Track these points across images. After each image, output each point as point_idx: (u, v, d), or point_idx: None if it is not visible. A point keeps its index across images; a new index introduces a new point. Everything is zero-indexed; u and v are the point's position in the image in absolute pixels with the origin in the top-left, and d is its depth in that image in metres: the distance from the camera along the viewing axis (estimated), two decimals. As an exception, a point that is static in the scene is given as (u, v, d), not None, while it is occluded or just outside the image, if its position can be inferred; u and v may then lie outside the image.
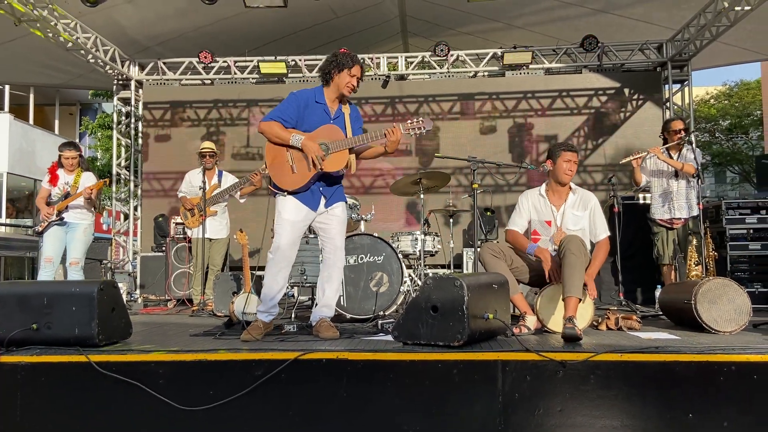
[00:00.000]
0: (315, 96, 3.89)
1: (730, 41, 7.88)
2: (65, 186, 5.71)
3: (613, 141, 8.70)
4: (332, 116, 3.89)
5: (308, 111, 3.84)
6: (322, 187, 3.89)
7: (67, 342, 3.28)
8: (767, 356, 2.95)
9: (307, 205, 3.85)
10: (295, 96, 3.90)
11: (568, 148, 4.22)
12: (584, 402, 2.95)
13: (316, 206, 3.88)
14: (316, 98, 3.88)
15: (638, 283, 6.60)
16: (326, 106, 3.88)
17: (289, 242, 3.83)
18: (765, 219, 6.22)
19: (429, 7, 7.93)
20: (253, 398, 3.02)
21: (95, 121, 17.10)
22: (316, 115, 3.84)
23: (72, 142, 6.00)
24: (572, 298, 3.72)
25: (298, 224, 3.86)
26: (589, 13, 8.07)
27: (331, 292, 3.97)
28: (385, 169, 8.93)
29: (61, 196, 5.65)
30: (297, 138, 3.76)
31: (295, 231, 3.85)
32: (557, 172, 4.20)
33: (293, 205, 3.84)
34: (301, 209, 3.85)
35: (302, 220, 3.87)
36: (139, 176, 9.41)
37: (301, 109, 3.84)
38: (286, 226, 3.82)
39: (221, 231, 6.49)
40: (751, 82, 23.43)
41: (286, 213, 3.83)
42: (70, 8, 7.35)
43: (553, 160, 4.22)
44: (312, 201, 3.86)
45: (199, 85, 9.38)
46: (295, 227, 3.85)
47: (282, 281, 3.90)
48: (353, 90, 3.86)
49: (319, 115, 3.85)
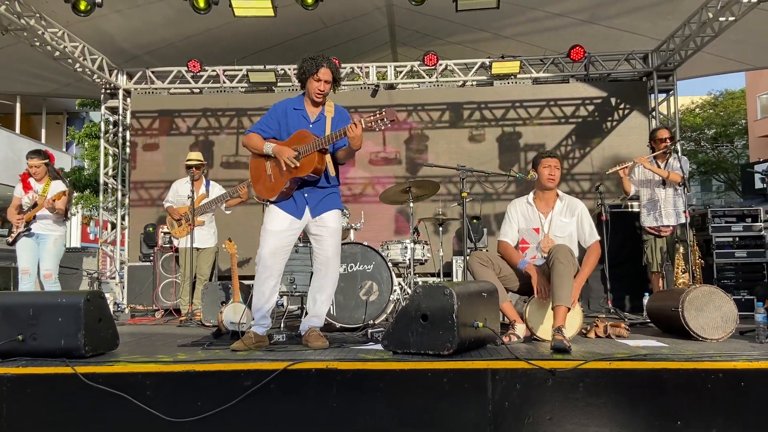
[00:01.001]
0: (294, 104, 3.91)
1: (714, 51, 7.99)
2: (34, 195, 5.60)
3: (600, 150, 8.77)
4: (312, 121, 3.86)
5: (288, 119, 3.85)
6: (306, 194, 3.85)
7: (53, 353, 3.25)
8: (754, 363, 2.98)
9: (291, 213, 3.83)
10: (275, 107, 3.94)
11: (547, 155, 4.33)
12: (574, 410, 2.96)
13: (301, 215, 3.84)
14: (295, 105, 3.89)
15: (626, 291, 6.65)
16: (305, 112, 3.87)
17: (271, 252, 3.79)
18: (750, 227, 6.29)
19: (417, 17, 7.97)
20: (242, 409, 3.00)
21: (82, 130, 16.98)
22: (296, 122, 3.83)
23: (38, 150, 5.87)
24: (561, 307, 3.75)
25: (281, 234, 3.82)
26: (575, 24, 8.15)
27: (322, 303, 3.95)
28: (375, 177, 8.94)
29: (30, 206, 5.56)
30: (269, 146, 3.77)
31: (278, 241, 3.81)
32: (540, 179, 4.30)
33: (276, 215, 3.83)
34: (284, 219, 3.82)
35: (287, 230, 3.83)
36: (126, 185, 9.35)
37: (281, 119, 3.86)
38: (267, 237, 3.81)
39: (208, 240, 6.46)
40: (735, 91, 23.76)
41: (269, 224, 3.83)
42: (58, 17, 7.32)
43: (535, 168, 4.33)
44: (295, 210, 3.84)
45: (187, 94, 9.35)
46: (279, 237, 3.81)
47: (267, 292, 3.84)
48: (322, 94, 3.80)
49: (298, 121, 3.84)
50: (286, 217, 3.83)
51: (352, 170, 8.98)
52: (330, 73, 3.80)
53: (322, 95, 3.81)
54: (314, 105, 3.89)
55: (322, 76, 3.77)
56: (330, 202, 3.93)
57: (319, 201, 3.88)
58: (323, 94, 3.81)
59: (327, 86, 3.80)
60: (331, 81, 3.83)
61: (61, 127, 21.97)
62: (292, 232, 3.87)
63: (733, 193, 23.33)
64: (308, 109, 3.89)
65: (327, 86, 3.80)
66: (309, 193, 3.86)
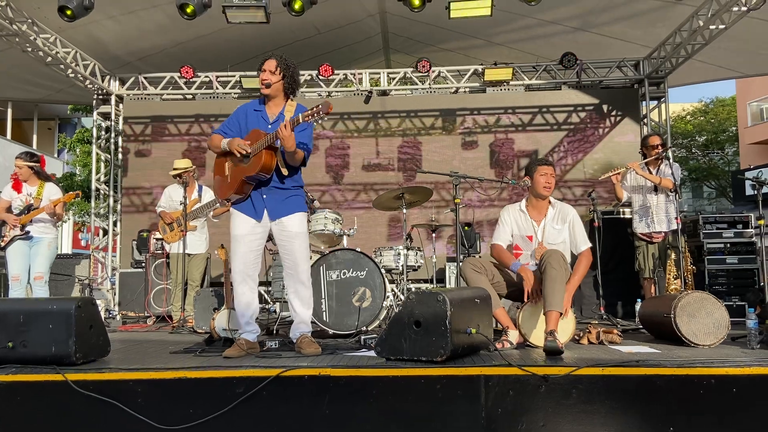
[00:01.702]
0: (255, 105, 3.93)
1: (705, 59, 8.06)
2: (28, 197, 5.55)
3: (592, 156, 8.82)
4: (270, 121, 3.84)
5: (248, 120, 3.86)
6: (265, 195, 3.81)
7: (43, 360, 3.22)
8: (746, 369, 2.99)
9: (249, 215, 3.82)
10: (237, 109, 3.98)
11: (543, 163, 4.32)
12: (566, 416, 2.96)
13: (260, 217, 3.81)
14: (256, 107, 3.91)
15: (618, 297, 6.66)
16: (264, 113, 3.87)
17: (240, 258, 3.80)
18: (741, 233, 6.33)
19: (410, 24, 8.00)
20: (235, 416, 2.98)
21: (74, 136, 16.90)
22: (254, 123, 3.84)
23: (27, 152, 5.83)
24: (553, 312, 3.75)
25: (245, 238, 3.80)
26: (567, 31, 8.20)
27: (302, 308, 3.91)
28: (368, 183, 8.95)
29: (23, 208, 5.51)
30: (224, 141, 3.79)
31: (244, 245, 3.80)
32: (536, 187, 4.28)
33: (237, 219, 3.84)
34: (245, 222, 3.81)
35: (249, 233, 3.81)
36: (118, 191, 9.31)
37: (241, 120, 3.88)
38: (233, 242, 3.84)
39: (200, 246, 6.44)
40: (726, 98, 23.96)
41: (233, 228, 3.85)
42: (51, 23, 7.30)
43: (530, 176, 4.30)
44: (254, 212, 3.82)
45: (180, 100, 9.34)
46: (243, 242, 3.80)
47: (245, 298, 3.83)
48: (264, 83, 3.78)
49: (257, 121, 3.85)
50: (246, 219, 3.82)
51: (345, 176, 8.99)
52: (274, 64, 3.79)
53: (264, 84, 3.78)
54: (272, 104, 3.87)
55: (266, 67, 3.79)
56: (292, 204, 3.87)
57: (278, 203, 3.83)
58: (266, 83, 3.78)
59: (271, 76, 3.77)
60: (277, 73, 3.78)
61: (53, 132, 21.87)
62: (255, 236, 3.83)
63: (724, 199, 23.48)
64: (268, 111, 3.88)
65: (271, 76, 3.77)
66: (267, 194, 3.82)
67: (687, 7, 7.05)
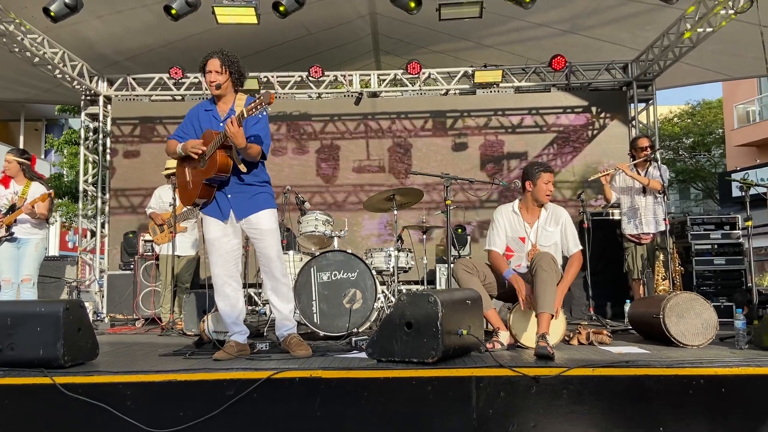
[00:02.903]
0: (206, 105, 3.89)
1: (692, 62, 8.12)
2: (13, 196, 5.46)
3: (581, 158, 8.86)
4: (221, 119, 3.79)
5: (201, 122, 3.82)
6: (230, 195, 3.76)
7: (31, 363, 3.19)
8: (735, 369, 3.02)
9: (215, 217, 3.79)
10: (189, 111, 3.94)
11: (547, 170, 4.24)
12: (557, 417, 2.97)
13: (225, 217, 3.77)
14: (206, 107, 3.87)
15: (607, 298, 6.70)
16: (215, 112, 3.83)
17: (215, 261, 3.78)
18: (729, 234, 6.38)
19: (401, 25, 8.01)
20: (225, 419, 2.96)
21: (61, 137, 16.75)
22: (207, 123, 3.80)
23: (17, 149, 5.76)
24: (544, 314, 3.76)
25: (218, 241, 3.77)
26: (556, 34, 8.25)
27: (281, 304, 3.88)
28: (359, 185, 8.94)
29: (7, 208, 5.44)
30: (179, 146, 3.74)
31: (217, 249, 3.77)
32: (537, 194, 4.23)
33: (207, 224, 3.82)
34: (215, 225, 3.78)
35: (221, 236, 3.78)
36: (107, 193, 9.24)
37: (194, 122, 3.84)
38: (207, 246, 3.81)
39: (189, 248, 6.40)
40: (712, 101, 24.14)
41: (205, 233, 3.83)
42: (38, 23, 7.23)
43: (532, 181, 4.22)
44: (219, 213, 3.78)
45: (169, 101, 9.29)
46: (216, 245, 3.77)
47: (227, 300, 3.81)
48: (213, 84, 3.73)
49: (209, 121, 3.81)
50: (216, 223, 3.79)
51: (336, 178, 8.98)
52: (218, 63, 3.73)
53: (213, 86, 3.73)
54: (222, 101, 3.83)
55: (210, 67, 3.74)
56: (259, 202, 3.81)
57: (244, 201, 3.78)
58: (215, 84, 3.73)
59: (218, 76, 3.72)
60: (223, 71, 3.73)
61: (40, 134, 21.66)
62: (228, 237, 3.80)
63: (710, 201, 23.66)
64: (218, 109, 3.83)
65: (218, 76, 3.72)
66: (231, 194, 3.77)
67: (675, 10, 7.10)
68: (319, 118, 9.15)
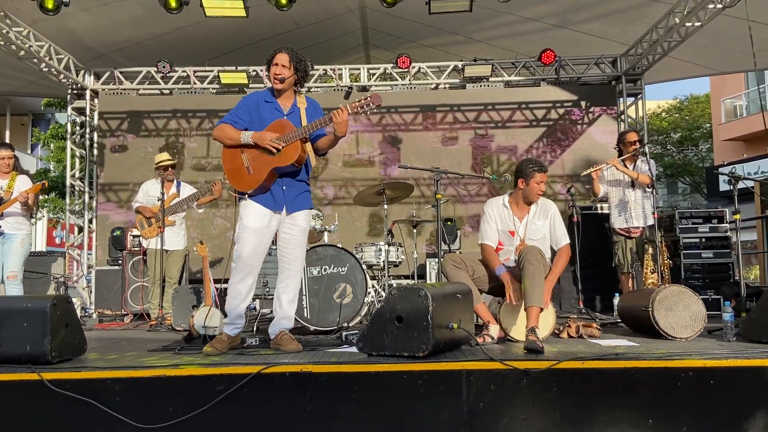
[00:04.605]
0: (265, 96, 3.88)
1: (681, 56, 8.17)
2: (0, 191, 5.45)
3: (570, 152, 8.88)
4: (285, 113, 3.82)
5: (260, 111, 3.80)
6: (285, 187, 3.77)
7: (18, 359, 3.15)
8: (723, 362, 3.03)
9: (268, 208, 3.75)
10: (245, 99, 3.92)
11: (542, 170, 4.23)
12: (547, 410, 2.98)
13: (280, 208, 3.77)
14: (266, 98, 3.86)
15: (597, 291, 6.72)
16: (277, 104, 3.83)
17: (251, 250, 3.73)
18: (716, 228, 6.42)
19: (390, 19, 7.98)
20: (214, 414, 2.94)
21: (47, 131, 16.59)
22: (268, 113, 3.79)
23: (5, 143, 5.72)
24: (534, 308, 3.78)
25: (261, 231, 3.74)
26: (546, 28, 8.25)
27: (289, 303, 3.88)
28: (349, 179, 8.92)
29: None
30: (247, 135, 3.71)
31: (257, 238, 3.73)
32: (529, 193, 4.23)
33: (254, 211, 3.74)
34: (263, 215, 3.74)
35: (266, 227, 3.76)
36: (94, 188, 9.16)
37: (252, 110, 3.81)
38: (247, 234, 3.73)
39: (178, 242, 6.36)
40: (700, 96, 24.33)
41: (248, 220, 3.74)
42: (23, 16, 7.13)
43: (525, 179, 4.22)
44: (273, 203, 3.76)
45: (157, 95, 9.21)
46: (258, 234, 3.74)
47: (245, 291, 3.78)
48: (277, 78, 3.75)
49: (271, 112, 3.80)
50: (265, 212, 3.74)
51: (325, 172, 8.94)
52: (286, 58, 3.76)
53: (278, 79, 3.75)
54: (288, 97, 3.84)
55: (278, 61, 3.75)
56: (305, 200, 3.89)
57: (296, 196, 3.82)
58: (279, 78, 3.74)
59: (284, 70, 3.74)
60: (290, 67, 3.76)
61: (26, 128, 21.44)
62: (270, 229, 3.79)
63: (698, 195, 23.85)
64: (280, 102, 3.84)
65: (284, 70, 3.74)
66: (288, 186, 3.78)
67: (663, 5, 7.14)
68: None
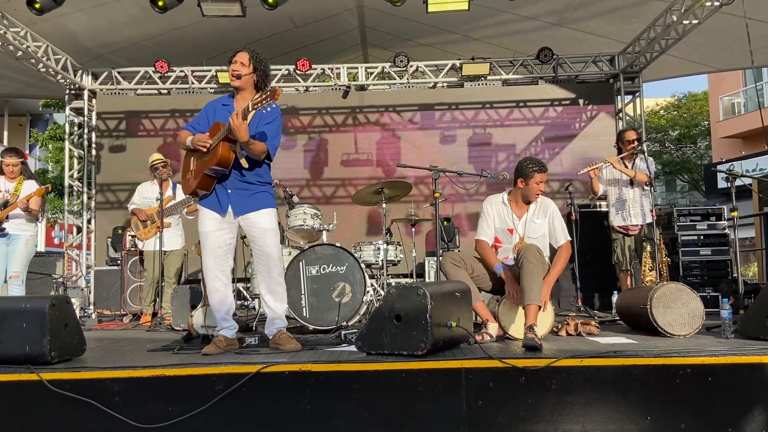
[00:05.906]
0: (224, 100, 3.90)
1: (678, 54, 8.17)
2: (5, 194, 5.44)
3: (569, 150, 8.89)
4: None
5: (216, 115, 3.82)
6: (230, 190, 3.76)
7: (17, 360, 3.16)
8: (721, 359, 3.04)
9: (215, 211, 3.78)
10: (207, 104, 3.96)
11: (542, 170, 4.21)
12: (546, 407, 2.98)
13: (224, 211, 3.76)
14: (224, 102, 3.88)
15: (595, 289, 6.74)
16: (232, 107, 3.80)
17: (207, 253, 3.78)
18: (715, 225, 6.42)
19: (388, 18, 7.98)
20: (214, 414, 2.95)
21: (46, 132, 16.58)
22: (222, 117, 3.77)
23: (15, 149, 5.71)
24: (532, 306, 3.78)
25: (212, 234, 3.77)
26: (544, 27, 8.26)
27: (276, 303, 3.88)
28: (347, 178, 8.93)
29: (0, 205, 5.39)
30: (189, 139, 3.77)
31: (211, 241, 3.77)
32: (528, 192, 4.23)
33: (203, 216, 3.82)
34: (212, 218, 3.78)
35: (217, 230, 3.78)
36: (92, 188, 9.15)
37: (210, 115, 3.85)
38: (201, 238, 3.82)
39: (176, 243, 6.39)
40: (698, 93, 24.35)
41: (200, 224, 3.83)
42: (20, 16, 7.12)
43: (524, 179, 4.22)
44: (218, 206, 3.77)
45: (155, 95, 9.20)
46: (211, 238, 3.77)
47: (218, 294, 3.80)
48: (234, 75, 3.74)
49: (224, 116, 3.76)
50: (212, 215, 3.79)
51: (324, 171, 8.95)
52: (246, 56, 3.75)
53: (234, 76, 3.74)
54: (240, 99, 3.81)
55: (237, 59, 3.76)
56: (259, 200, 3.81)
57: (244, 199, 3.78)
58: (236, 74, 3.73)
59: (242, 67, 3.72)
60: (249, 65, 3.74)
61: (24, 129, 21.40)
62: (222, 231, 3.80)
63: (696, 192, 23.87)
64: (236, 105, 3.81)
65: (242, 67, 3.72)
66: (233, 189, 3.77)
67: (661, 3, 7.14)
68: (306, 112, 9.11)
